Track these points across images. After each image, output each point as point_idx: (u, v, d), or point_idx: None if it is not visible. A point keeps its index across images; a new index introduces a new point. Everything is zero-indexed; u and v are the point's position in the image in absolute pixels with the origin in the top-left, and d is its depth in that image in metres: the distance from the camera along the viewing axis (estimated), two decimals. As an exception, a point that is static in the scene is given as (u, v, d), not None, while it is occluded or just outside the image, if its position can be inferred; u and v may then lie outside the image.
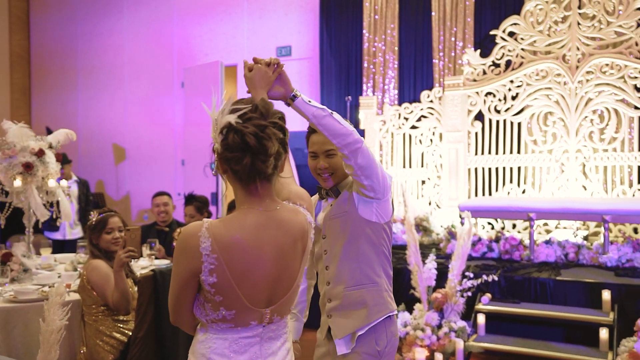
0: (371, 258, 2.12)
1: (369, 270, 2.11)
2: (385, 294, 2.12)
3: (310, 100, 1.88)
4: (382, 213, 2.10)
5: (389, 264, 2.17)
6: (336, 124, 1.87)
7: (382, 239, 2.13)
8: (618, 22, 6.00)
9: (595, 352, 4.19)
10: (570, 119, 6.18)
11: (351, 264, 2.12)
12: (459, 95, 6.67)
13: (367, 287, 2.10)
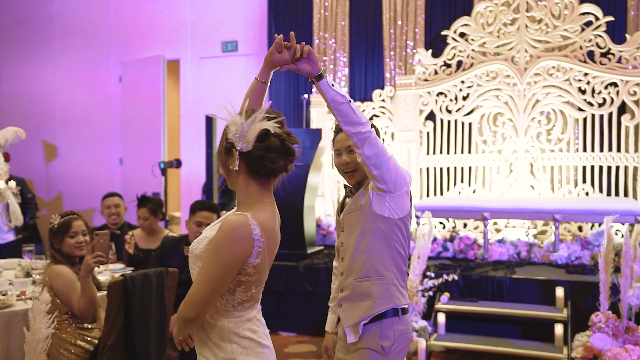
0: (381, 252, 2.24)
1: (378, 264, 2.24)
2: (392, 288, 2.24)
3: (333, 84, 2.01)
4: (395, 208, 2.21)
5: (402, 260, 2.28)
6: (351, 112, 2.03)
7: (394, 234, 2.24)
8: (564, 26, 6.36)
9: (551, 347, 4.46)
10: (519, 120, 6.50)
11: (362, 257, 2.27)
12: (411, 95, 6.88)
13: (374, 279, 2.24)
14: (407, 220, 2.29)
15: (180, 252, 3.91)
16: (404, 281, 2.30)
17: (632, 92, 6.11)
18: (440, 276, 4.73)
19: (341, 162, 2.37)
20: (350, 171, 2.35)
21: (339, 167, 2.39)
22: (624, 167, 6.23)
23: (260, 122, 1.71)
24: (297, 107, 7.86)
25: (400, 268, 2.28)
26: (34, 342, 2.00)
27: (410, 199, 2.29)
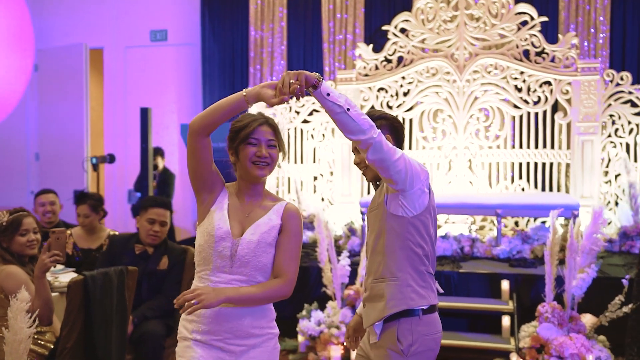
0: (395, 252, 2.29)
1: (392, 264, 2.30)
2: (406, 289, 2.27)
3: (329, 92, 2.01)
4: (409, 206, 2.26)
5: (418, 259, 2.30)
6: (349, 121, 2.05)
7: (408, 233, 2.28)
8: (501, 25, 6.72)
9: (499, 338, 4.74)
10: (459, 117, 6.81)
11: (378, 257, 2.35)
12: (352, 90, 7.05)
13: (387, 281, 2.30)
14: (426, 217, 2.31)
15: (130, 251, 3.87)
16: (423, 281, 2.31)
17: (564, 91, 6.54)
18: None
19: (354, 160, 2.47)
20: (363, 168, 2.45)
21: (356, 165, 2.50)
22: (557, 163, 6.67)
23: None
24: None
25: (417, 268, 2.30)
26: (15, 343, 1.97)
27: (429, 196, 2.32)
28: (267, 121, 2.23)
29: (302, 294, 5.36)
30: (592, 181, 6.43)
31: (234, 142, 2.20)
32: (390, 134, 2.42)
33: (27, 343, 2.01)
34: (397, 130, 2.44)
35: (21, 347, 1.98)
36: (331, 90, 2.03)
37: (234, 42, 7.91)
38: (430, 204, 2.33)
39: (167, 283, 3.85)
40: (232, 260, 2.13)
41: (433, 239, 2.37)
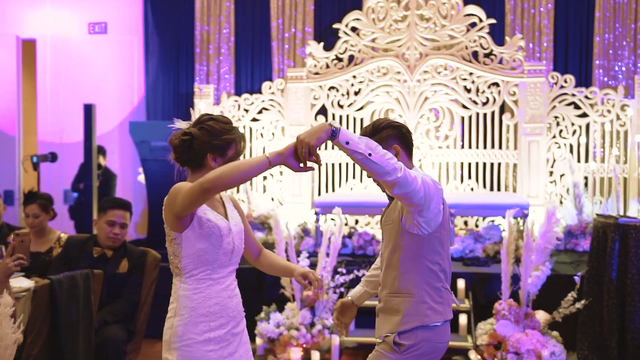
0: (411, 269, 2.36)
1: (407, 281, 2.37)
2: (422, 306, 2.34)
3: (348, 141, 2.06)
4: (424, 224, 2.30)
5: (434, 276, 2.36)
6: (373, 165, 2.09)
7: (424, 250, 2.34)
8: (450, 26, 6.95)
9: (456, 336, 4.93)
10: (409, 116, 7.01)
11: (393, 272, 2.41)
12: (302, 88, 7.13)
13: (403, 297, 2.37)
14: (441, 233, 2.36)
15: (88, 254, 3.82)
16: (440, 297, 2.38)
17: (512, 92, 6.84)
18: (352, 272, 5.01)
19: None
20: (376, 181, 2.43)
21: None
22: (505, 163, 6.97)
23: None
24: (177, 97, 7.81)
25: (433, 284, 2.36)
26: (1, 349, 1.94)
27: (443, 211, 2.35)
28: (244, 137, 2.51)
29: (257, 296, 5.40)
30: (538, 181, 6.75)
31: (224, 153, 2.32)
32: (399, 143, 2.44)
33: (13, 349, 1.98)
34: (405, 137, 2.47)
35: (7, 353, 1.96)
36: (350, 137, 2.06)
37: (179, 37, 7.84)
38: (445, 219, 2.37)
39: (128, 287, 3.83)
40: (233, 253, 2.34)
41: (447, 253, 2.42)
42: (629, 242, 4.50)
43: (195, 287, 2.26)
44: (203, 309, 2.26)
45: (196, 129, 2.35)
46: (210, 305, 2.27)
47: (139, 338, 3.86)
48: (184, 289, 2.28)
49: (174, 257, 2.32)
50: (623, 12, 7.05)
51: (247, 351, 2.41)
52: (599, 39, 7.11)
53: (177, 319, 2.25)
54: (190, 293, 2.26)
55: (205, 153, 2.31)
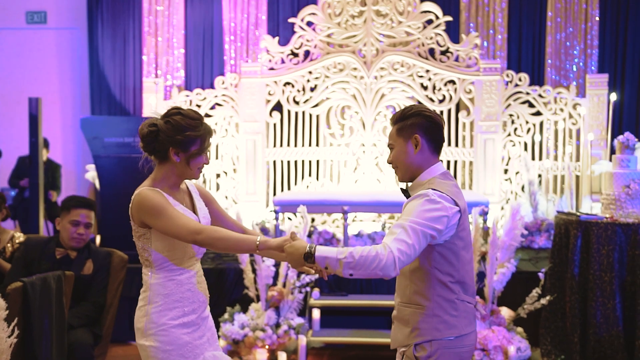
0: (420, 280, 2.30)
1: (418, 291, 2.31)
2: (433, 320, 2.28)
3: (326, 266, 2.18)
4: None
5: (447, 288, 2.29)
6: (357, 269, 2.16)
7: (434, 261, 2.28)
8: (407, 22, 7.09)
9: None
10: (366, 114, 7.11)
11: (404, 280, 2.37)
12: (257, 84, 7.12)
13: (413, 308, 2.32)
14: (454, 244, 2.29)
15: (50, 255, 3.74)
16: (454, 309, 2.30)
17: (467, 90, 7.04)
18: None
19: (388, 159, 2.49)
20: (395, 168, 2.46)
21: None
22: (461, 161, 7.16)
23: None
24: (125, 91, 7.66)
25: (446, 296, 2.29)
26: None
27: (459, 222, 2.29)
28: (212, 130, 2.58)
29: (217, 297, 5.39)
30: (493, 178, 6.97)
31: (188, 149, 2.44)
32: (423, 134, 2.36)
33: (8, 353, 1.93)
34: (431, 129, 2.38)
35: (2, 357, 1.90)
36: (328, 262, 2.17)
37: (126, 28, 7.69)
38: (461, 229, 2.30)
39: (93, 289, 3.76)
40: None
41: (466, 264, 2.34)
42: (590, 239, 4.72)
43: (167, 276, 2.45)
44: (176, 295, 2.45)
45: (162, 122, 2.46)
46: (183, 292, 2.46)
47: (105, 342, 3.79)
48: (156, 277, 2.45)
49: (144, 250, 2.48)
50: (574, 13, 7.35)
51: (213, 334, 2.59)
52: (551, 38, 7.40)
53: (152, 307, 2.42)
54: (163, 281, 2.44)
55: (168, 146, 2.43)
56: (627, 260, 4.68)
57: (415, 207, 2.24)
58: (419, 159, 2.37)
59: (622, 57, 7.38)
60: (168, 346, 2.41)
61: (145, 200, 2.39)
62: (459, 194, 2.33)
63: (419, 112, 2.39)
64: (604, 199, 5.07)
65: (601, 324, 4.70)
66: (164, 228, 2.38)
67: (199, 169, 2.51)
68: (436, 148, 2.41)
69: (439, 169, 2.41)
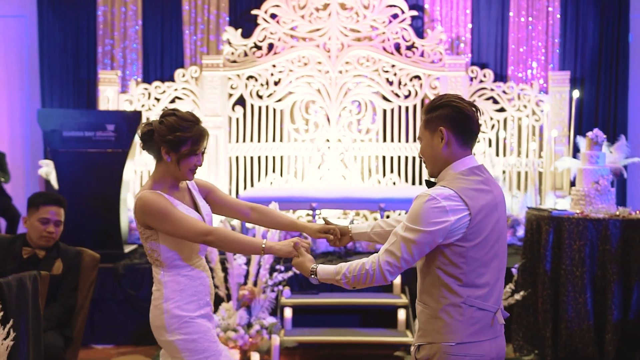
0: (426, 278, 2.25)
1: (425, 291, 2.26)
2: (435, 322, 2.20)
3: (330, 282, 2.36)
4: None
5: (452, 291, 2.19)
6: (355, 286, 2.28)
7: (439, 261, 2.19)
8: (373, 16, 7.14)
9: (395, 332, 5.11)
10: (331, 109, 7.13)
11: (418, 277, 2.33)
12: (219, 77, 7.06)
13: (422, 307, 2.28)
14: (462, 246, 2.17)
15: (17, 255, 3.62)
16: (460, 315, 2.19)
17: (433, 86, 7.13)
18: (290, 269, 5.04)
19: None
20: (424, 162, 2.38)
21: None
22: (427, 157, 7.24)
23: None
24: (78, 84, 7.47)
25: (450, 300, 2.19)
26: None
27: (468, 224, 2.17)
28: (207, 132, 2.64)
29: (184, 297, 5.31)
30: (458, 175, 7.07)
31: (178, 149, 2.53)
32: (449, 126, 2.25)
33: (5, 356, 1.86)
34: (459, 121, 2.25)
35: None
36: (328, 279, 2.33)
37: (79, 18, 7.48)
38: (472, 232, 2.17)
39: (63, 290, 3.66)
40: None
41: (479, 267, 2.20)
42: (562, 234, 4.85)
43: (179, 272, 2.59)
44: (191, 290, 2.59)
45: (157, 122, 2.58)
46: (196, 286, 2.62)
47: (76, 345, 3.69)
48: (169, 275, 2.58)
49: (153, 251, 2.60)
50: (536, 10, 7.52)
51: (215, 328, 2.81)
52: (513, 35, 7.56)
53: (169, 303, 2.55)
54: (175, 278, 2.58)
55: (159, 146, 2.55)
56: (597, 255, 4.83)
57: (413, 209, 2.20)
58: (446, 153, 2.26)
59: (582, 55, 7.60)
60: (194, 335, 2.56)
61: (147, 205, 2.50)
62: (477, 194, 2.20)
63: (447, 103, 2.26)
64: (574, 195, 5.21)
65: (572, 318, 4.83)
66: (171, 231, 2.51)
67: (190, 170, 2.58)
68: (465, 141, 2.28)
69: (467, 164, 2.27)
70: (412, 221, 2.17)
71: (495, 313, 2.25)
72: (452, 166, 2.25)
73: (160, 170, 2.59)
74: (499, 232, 2.28)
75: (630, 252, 4.82)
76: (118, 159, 5.49)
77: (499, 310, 2.26)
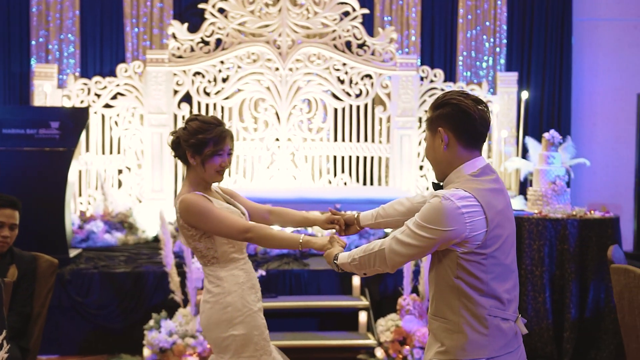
0: (445, 291, 2.14)
1: (443, 304, 2.15)
2: (459, 337, 2.11)
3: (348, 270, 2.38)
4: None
5: (474, 303, 2.10)
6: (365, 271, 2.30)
7: (458, 271, 2.10)
8: (323, 13, 7.15)
9: (357, 335, 5.14)
10: (281, 107, 7.10)
11: (432, 289, 2.23)
12: (164, 73, 6.92)
13: (440, 321, 2.17)
14: (478, 253, 2.08)
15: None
16: (484, 327, 2.10)
17: (384, 85, 7.21)
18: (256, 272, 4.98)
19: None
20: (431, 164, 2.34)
21: None
22: (378, 157, 7.33)
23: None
24: (10, 77, 7.18)
25: (474, 312, 2.10)
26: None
27: (487, 230, 2.08)
28: (229, 133, 2.80)
29: (135, 302, 5.21)
30: (409, 175, 7.19)
31: (201, 152, 2.71)
32: (450, 127, 2.16)
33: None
34: (460, 120, 2.15)
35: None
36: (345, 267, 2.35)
37: (10, 6, 7.19)
38: (491, 237, 2.09)
39: (18, 297, 3.50)
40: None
41: (499, 275, 2.12)
42: (522, 234, 5.00)
43: (235, 266, 2.78)
44: (249, 282, 2.81)
45: (181, 129, 2.78)
46: (251, 279, 2.83)
47: (33, 357, 3.55)
48: (226, 270, 2.76)
49: (207, 250, 2.76)
50: (484, 10, 7.73)
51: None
52: (462, 35, 7.74)
53: (232, 296, 2.73)
54: (234, 271, 2.77)
55: (184, 151, 2.74)
56: (556, 254, 5.01)
57: (427, 207, 2.11)
58: (448, 156, 2.18)
59: (528, 57, 7.85)
60: (255, 331, 2.76)
61: (191, 206, 2.68)
62: (493, 195, 2.12)
63: (447, 101, 2.17)
64: (531, 195, 5.39)
65: (532, 317, 5.00)
66: (214, 229, 2.68)
67: (217, 171, 2.75)
68: (470, 142, 2.17)
69: (475, 166, 2.17)
70: (425, 219, 2.09)
71: (515, 322, 2.19)
72: (461, 168, 2.16)
73: (192, 174, 2.78)
74: (514, 235, 2.23)
75: (587, 251, 5.03)
76: (62, 158, 5.30)
77: (518, 319, 2.21)
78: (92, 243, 6.23)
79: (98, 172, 6.88)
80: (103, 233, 6.33)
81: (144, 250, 6.08)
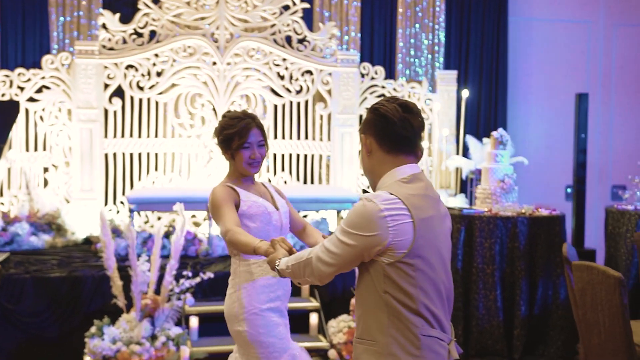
0: (372, 308, 2.03)
1: (370, 323, 2.04)
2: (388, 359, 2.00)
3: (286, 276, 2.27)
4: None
5: (403, 320, 2.00)
6: (300, 280, 2.23)
7: (385, 285, 1.99)
8: (263, 7, 7.10)
9: (308, 337, 5.12)
10: (219, 102, 6.99)
11: (358, 310, 2.11)
12: (94, 65, 6.70)
13: (366, 344, 2.06)
14: (409, 265, 1.98)
15: None
16: (416, 347, 1.99)
17: (325, 82, 7.23)
18: (198, 275, 4.89)
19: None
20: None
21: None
22: (319, 155, 7.33)
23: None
24: None
25: (403, 331, 1.99)
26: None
27: (412, 238, 1.99)
28: (256, 123, 2.94)
29: (72, 308, 5.02)
30: (350, 173, 7.24)
31: (229, 146, 2.91)
32: (372, 133, 2.13)
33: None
34: (381, 126, 2.10)
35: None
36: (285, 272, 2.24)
37: None
38: (419, 246, 2.00)
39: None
40: (281, 229, 2.97)
41: (429, 290, 2.02)
42: (474, 232, 5.13)
43: (254, 262, 2.84)
44: (263, 280, 2.85)
45: (215, 127, 3.03)
46: (268, 278, 2.85)
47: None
48: (243, 264, 2.87)
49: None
50: (423, 9, 7.87)
51: (286, 325, 3.01)
52: (401, 32, 7.85)
53: (241, 292, 2.86)
54: (249, 267, 2.86)
55: (220, 147, 2.99)
56: (507, 252, 5.16)
57: (350, 212, 2.07)
58: (373, 162, 2.14)
59: (466, 56, 8.05)
60: (261, 329, 2.83)
61: (212, 197, 2.86)
62: (422, 201, 2.06)
63: (371, 108, 2.15)
64: (480, 194, 5.53)
65: (483, 315, 5.13)
66: (216, 221, 2.82)
67: (248, 164, 2.90)
68: (392, 146, 2.10)
69: (406, 172, 2.10)
70: (347, 224, 2.04)
71: (449, 344, 2.08)
72: (391, 173, 2.10)
73: (230, 168, 2.99)
74: (449, 251, 2.16)
75: (536, 249, 5.21)
76: (-8, 154, 5.05)
77: (452, 342, 2.10)
78: (17, 246, 5.96)
79: (22, 170, 6.58)
80: (29, 235, 6.07)
81: (76, 253, 5.88)
